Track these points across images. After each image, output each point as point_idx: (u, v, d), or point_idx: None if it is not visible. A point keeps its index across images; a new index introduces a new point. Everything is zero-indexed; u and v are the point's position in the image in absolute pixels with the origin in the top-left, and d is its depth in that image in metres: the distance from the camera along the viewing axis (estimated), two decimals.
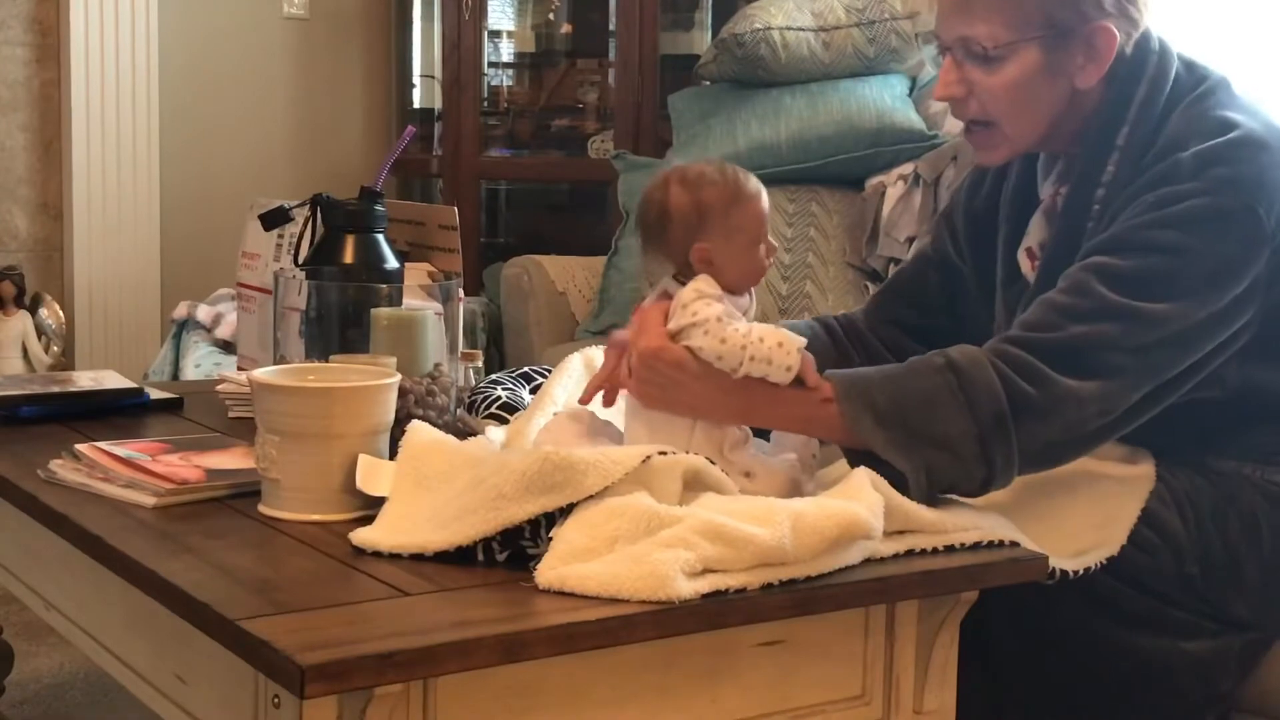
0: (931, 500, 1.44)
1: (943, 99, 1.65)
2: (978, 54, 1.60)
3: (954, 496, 1.49)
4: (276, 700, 1.16)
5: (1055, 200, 1.68)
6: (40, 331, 3.79)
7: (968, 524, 1.43)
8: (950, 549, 1.40)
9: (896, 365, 1.51)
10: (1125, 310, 1.48)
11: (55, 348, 3.81)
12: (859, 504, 1.34)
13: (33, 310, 3.79)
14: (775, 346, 1.44)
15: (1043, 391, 1.45)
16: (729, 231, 1.49)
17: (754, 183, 1.52)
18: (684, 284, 1.49)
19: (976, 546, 1.41)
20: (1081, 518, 1.56)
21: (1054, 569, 1.46)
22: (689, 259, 1.49)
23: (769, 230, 1.52)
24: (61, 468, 1.58)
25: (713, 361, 1.44)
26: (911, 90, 3.27)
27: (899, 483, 1.43)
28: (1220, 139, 1.53)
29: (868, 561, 1.35)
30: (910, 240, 2.92)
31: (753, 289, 1.54)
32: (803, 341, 1.46)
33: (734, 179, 1.51)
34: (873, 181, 3.09)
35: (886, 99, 3.16)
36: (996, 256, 1.75)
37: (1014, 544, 1.43)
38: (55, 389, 1.96)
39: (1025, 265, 1.71)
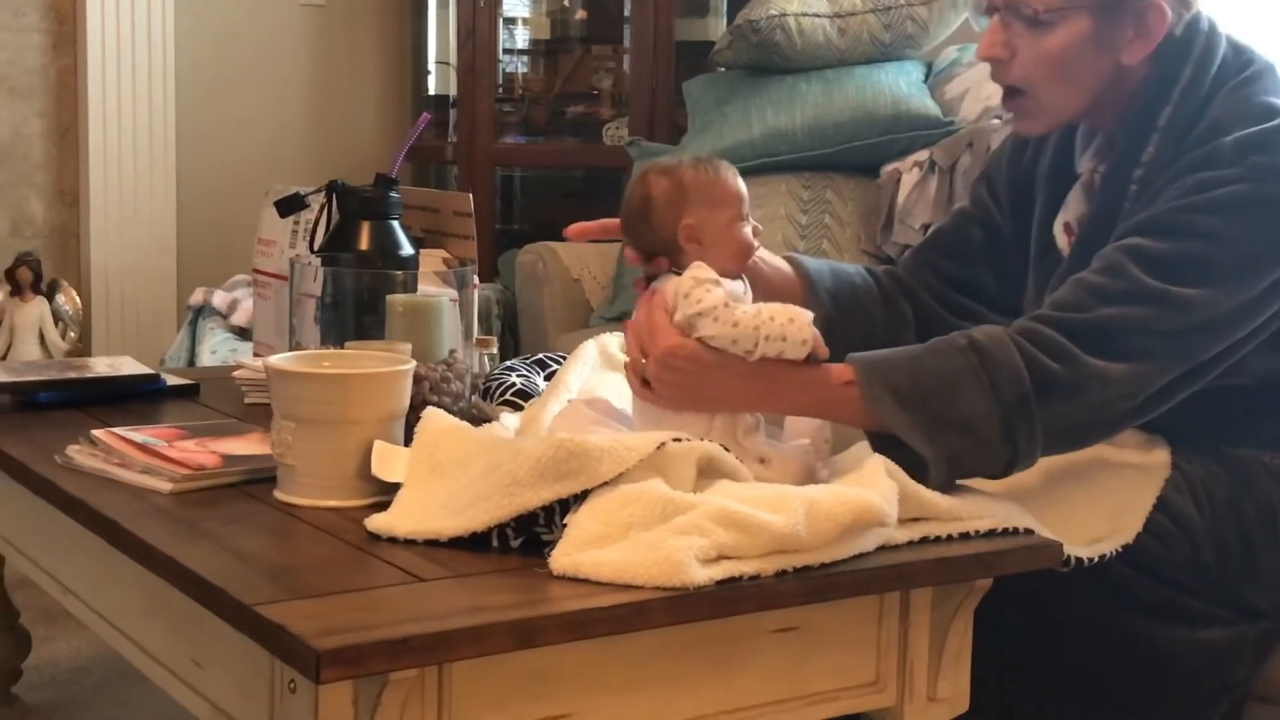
0: (951, 485, 1.44)
1: (984, 59, 1.64)
2: (1027, 16, 1.59)
3: (971, 483, 1.49)
4: (292, 685, 1.16)
5: (1094, 176, 1.67)
6: (57, 317, 3.80)
7: (983, 511, 1.43)
8: (965, 536, 1.40)
9: (918, 345, 1.50)
10: (1158, 294, 1.47)
11: (72, 334, 3.82)
12: (874, 491, 1.34)
13: (50, 296, 3.81)
14: (787, 322, 1.44)
15: (1069, 370, 1.44)
16: (713, 204, 1.49)
17: (730, 166, 1.54)
18: (679, 274, 1.49)
19: (991, 534, 1.41)
20: (1097, 506, 1.56)
21: (1069, 557, 1.45)
22: (677, 239, 1.49)
23: (751, 212, 1.53)
24: (78, 453, 1.58)
25: (727, 347, 1.44)
26: (927, 77, 3.26)
27: (921, 466, 1.42)
28: (1263, 125, 1.53)
29: (882, 548, 1.35)
30: (925, 227, 2.91)
31: (745, 278, 1.54)
32: (811, 315, 1.46)
33: (709, 161, 1.53)
34: (888, 168, 3.08)
35: (902, 85, 3.15)
36: (1032, 228, 1.74)
37: (1029, 531, 1.43)
38: (72, 375, 1.97)
39: (1062, 240, 1.69)
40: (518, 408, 1.76)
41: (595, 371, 1.77)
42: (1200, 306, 1.47)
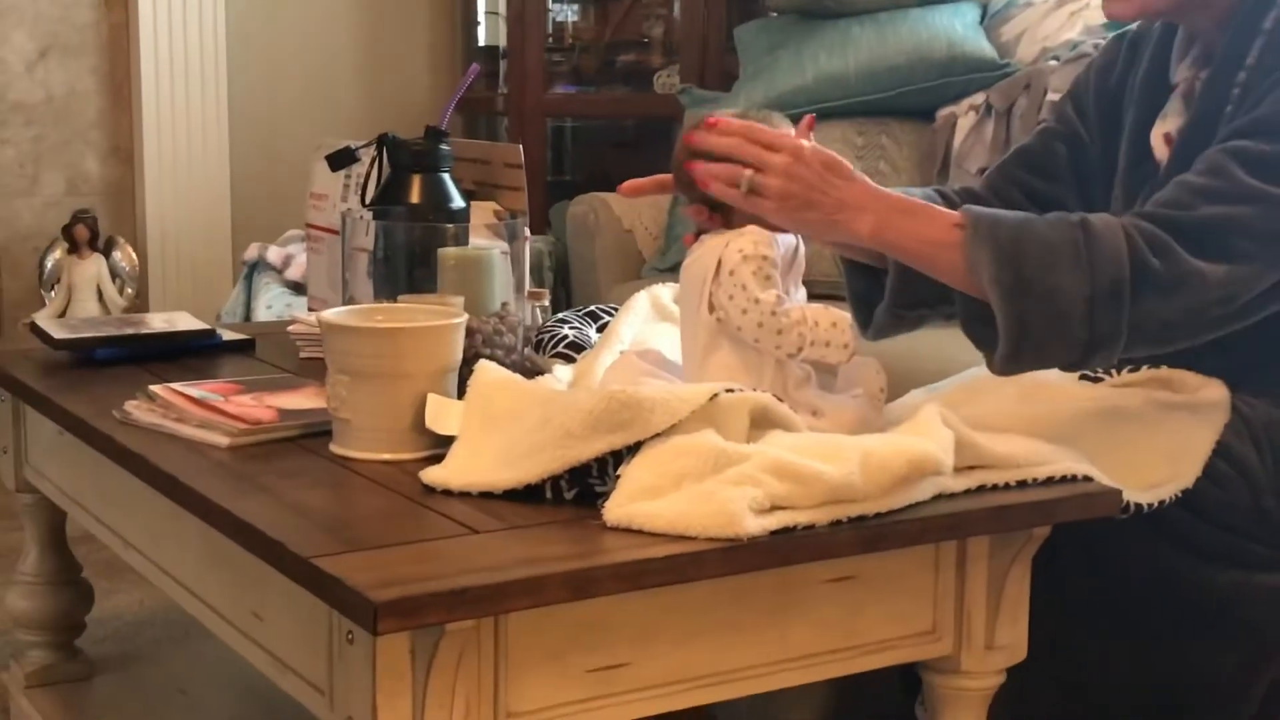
0: (1014, 361, 1.43)
1: None
2: None
3: (1028, 430, 1.47)
4: (350, 636, 1.17)
5: (1194, 84, 1.65)
6: (114, 274, 3.84)
7: (1040, 458, 1.41)
8: (1022, 484, 1.39)
9: (1032, 214, 1.49)
10: (1260, 194, 1.45)
11: (129, 290, 3.86)
12: (929, 440, 1.33)
13: (107, 253, 3.84)
14: (830, 327, 1.44)
15: (1168, 268, 1.43)
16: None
17: (782, 116, 1.53)
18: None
19: (1049, 481, 1.40)
20: (1154, 450, 1.54)
21: (1127, 502, 1.44)
22: None
23: None
24: (137, 409, 1.60)
25: (769, 350, 1.44)
26: (983, 18, 3.21)
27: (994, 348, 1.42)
28: None
29: (938, 497, 1.34)
30: (982, 171, 2.88)
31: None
32: (850, 319, 1.46)
33: (759, 111, 1.52)
34: (943, 112, 3.05)
35: (957, 28, 3.11)
36: (1122, 141, 1.72)
37: (1087, 478, 1.42)
38: (129, 331, 1.98)
39: (1160, 150, 1.66)
40: (570, 360, 1.76)
41: (647, 323, 1.77)
42: None
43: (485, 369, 1.46)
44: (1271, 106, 1.49)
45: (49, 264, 3.83)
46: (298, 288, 3.29)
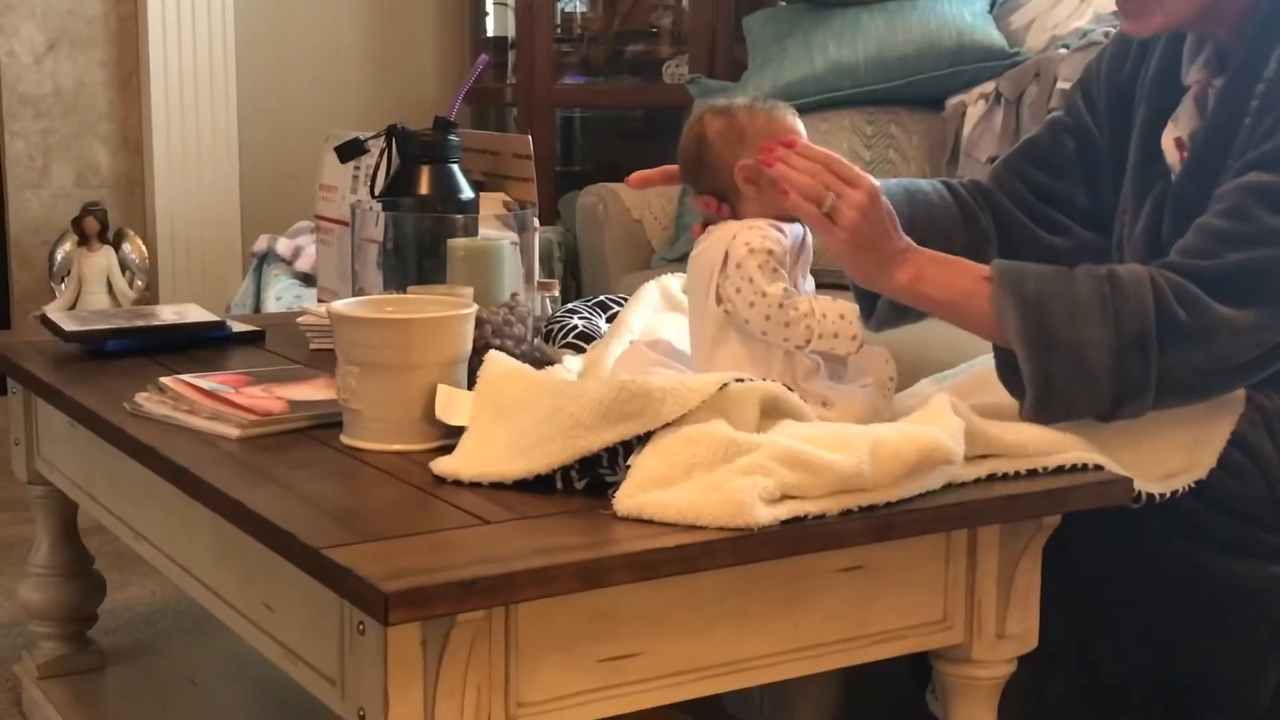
0: (1046, 411, 1.43)
1: None
2: None
3: (1033, 428, 1.46)
4: (361, 627, 1.18)
5: (1207, 90, 1.63)
6: (124, 266, 3.84)
7: (1051, 447, 1.41)
8: (1033, 473, 1.38)
9: (1061, 267, 1.49)
10: None
11: (139, 282, 3.87)
12: (940, 429, 1.33)
13: (116, 245, 3.85)
14: (838, 318, 1.44)
15: (1195, 317, 1.42)
16: (770, 143, 1.47)
17: (787, 106, 1.53)
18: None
19: (1060, 470, 1.40)
20: (1169, 440, 1.54)
21: (1140, 492, 1.44)
22: (734, 181, 1.47)
23: None
24: (147, 400, 1.60)
25: (778, 343, 1.44)
26: (992, 7, 3.20)
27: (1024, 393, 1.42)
28: None
29: (948, 486, 1.34)
30: (992, 160, 2.87)
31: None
32: (857, 309, 1.46)
33: (765, 102, 1.52)
34: (953, 101, 3.04)
35: (966, 16, 3.10)
36: (1132, 136, 1.71)
37: (1098, 467, 1.41)
38: (139, 323, 1.98)
39: (1172, 155, 1.65)
40: (580, 350, 1.76)
41: (657, 313, 1.77)
42: None
43: (495, 359, 1.46)
44: None
45: (59, 256, 3.84)
46: (307, 279, 3.29)
